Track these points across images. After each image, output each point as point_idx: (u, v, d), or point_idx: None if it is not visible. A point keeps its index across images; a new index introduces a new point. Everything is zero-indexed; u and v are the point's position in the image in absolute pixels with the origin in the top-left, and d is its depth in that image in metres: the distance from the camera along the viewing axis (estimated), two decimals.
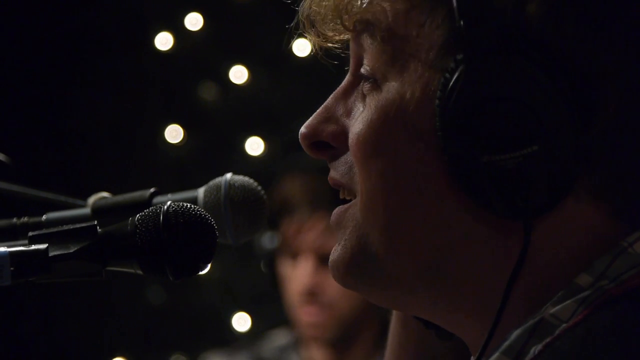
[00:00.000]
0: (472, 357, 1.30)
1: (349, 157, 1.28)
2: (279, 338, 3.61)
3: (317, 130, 1.30)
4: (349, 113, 1.29)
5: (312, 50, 1.35)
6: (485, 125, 1.16)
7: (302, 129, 1.31)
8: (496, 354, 1.20)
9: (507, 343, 1.19)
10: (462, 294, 1.24)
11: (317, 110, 1.31)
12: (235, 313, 4.24)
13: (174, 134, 4.30)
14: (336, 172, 1.30)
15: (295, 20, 1.32)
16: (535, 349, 1.17)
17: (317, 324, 3.40)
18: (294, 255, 3.43)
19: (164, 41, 4.27)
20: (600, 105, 1.16)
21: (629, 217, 1.21)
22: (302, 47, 4.01)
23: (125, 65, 4.27)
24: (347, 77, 1.31)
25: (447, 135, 1.17)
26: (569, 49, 1.16)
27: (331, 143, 1.30)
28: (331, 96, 1.31)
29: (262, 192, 1.55)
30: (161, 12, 4.29)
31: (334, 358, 3.45)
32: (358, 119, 1.26)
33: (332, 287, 3.34)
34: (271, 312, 3.62)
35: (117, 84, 4.29)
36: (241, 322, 4.23)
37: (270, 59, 4.19)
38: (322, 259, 3.34)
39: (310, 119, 1.31)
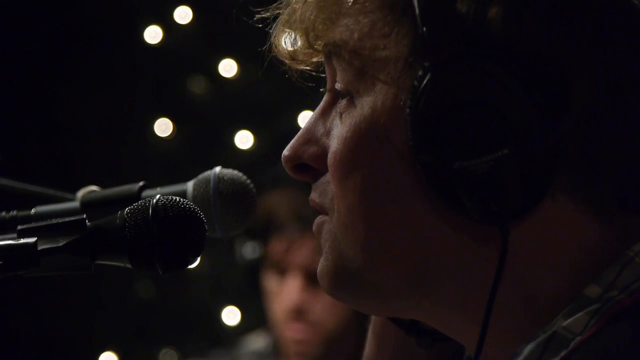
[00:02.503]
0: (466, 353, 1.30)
1: (327, 177, 1.27)
2: (256, 342, 3.60)
3: (299, 153, 1.30)
4: (328, 133, 1.28)
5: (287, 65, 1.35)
6: (455, 131, 1.15)
7: (285, 152, 1.31)
8: None
9: (520, 358, 1.18)
10: (449, 300, 1.24)
11: (299, 132, 1.31)
12: (224, 307, 4.24)
13: (163, 127, 4.29)
14: (315, 193, 1.30)
15: (267, 44, 1.32)
16: None
17: (302, 341, 3.39)
18: (282, 272, 3.41)
19: (153, 35, 4.26)
20: (568, 104, 1.16)
21: (614, 216, 1.20)
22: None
23: (114, 59, 4.25)
24: (325, 97, 1.31)
25: (418, 144, 1.17)
26: (533, 49, 1.15)
27: (312, 165, 1.29)
28: (311, 117, 1.31)
29: (251, 185, 1.55)
30: (150, 5, 4.28)
31: None
32: (334, 138, 1.26)
33: (320, 306, 3.34)
34: (261, 306, 3.62)
35: (107, 78, 4.27)
36: (231, 316, 4.23)
37: (260, 53, 4.18)
38: (310, 278, 3.32)
39: (292, 141, 1.31)
